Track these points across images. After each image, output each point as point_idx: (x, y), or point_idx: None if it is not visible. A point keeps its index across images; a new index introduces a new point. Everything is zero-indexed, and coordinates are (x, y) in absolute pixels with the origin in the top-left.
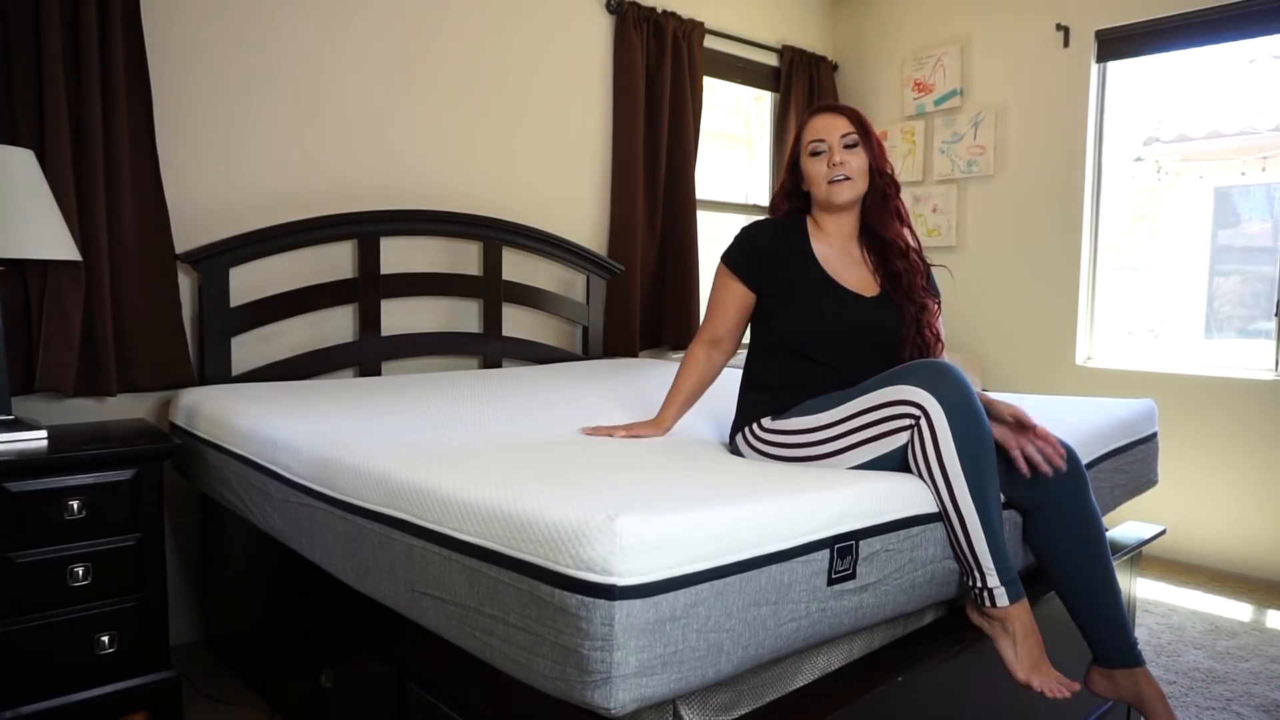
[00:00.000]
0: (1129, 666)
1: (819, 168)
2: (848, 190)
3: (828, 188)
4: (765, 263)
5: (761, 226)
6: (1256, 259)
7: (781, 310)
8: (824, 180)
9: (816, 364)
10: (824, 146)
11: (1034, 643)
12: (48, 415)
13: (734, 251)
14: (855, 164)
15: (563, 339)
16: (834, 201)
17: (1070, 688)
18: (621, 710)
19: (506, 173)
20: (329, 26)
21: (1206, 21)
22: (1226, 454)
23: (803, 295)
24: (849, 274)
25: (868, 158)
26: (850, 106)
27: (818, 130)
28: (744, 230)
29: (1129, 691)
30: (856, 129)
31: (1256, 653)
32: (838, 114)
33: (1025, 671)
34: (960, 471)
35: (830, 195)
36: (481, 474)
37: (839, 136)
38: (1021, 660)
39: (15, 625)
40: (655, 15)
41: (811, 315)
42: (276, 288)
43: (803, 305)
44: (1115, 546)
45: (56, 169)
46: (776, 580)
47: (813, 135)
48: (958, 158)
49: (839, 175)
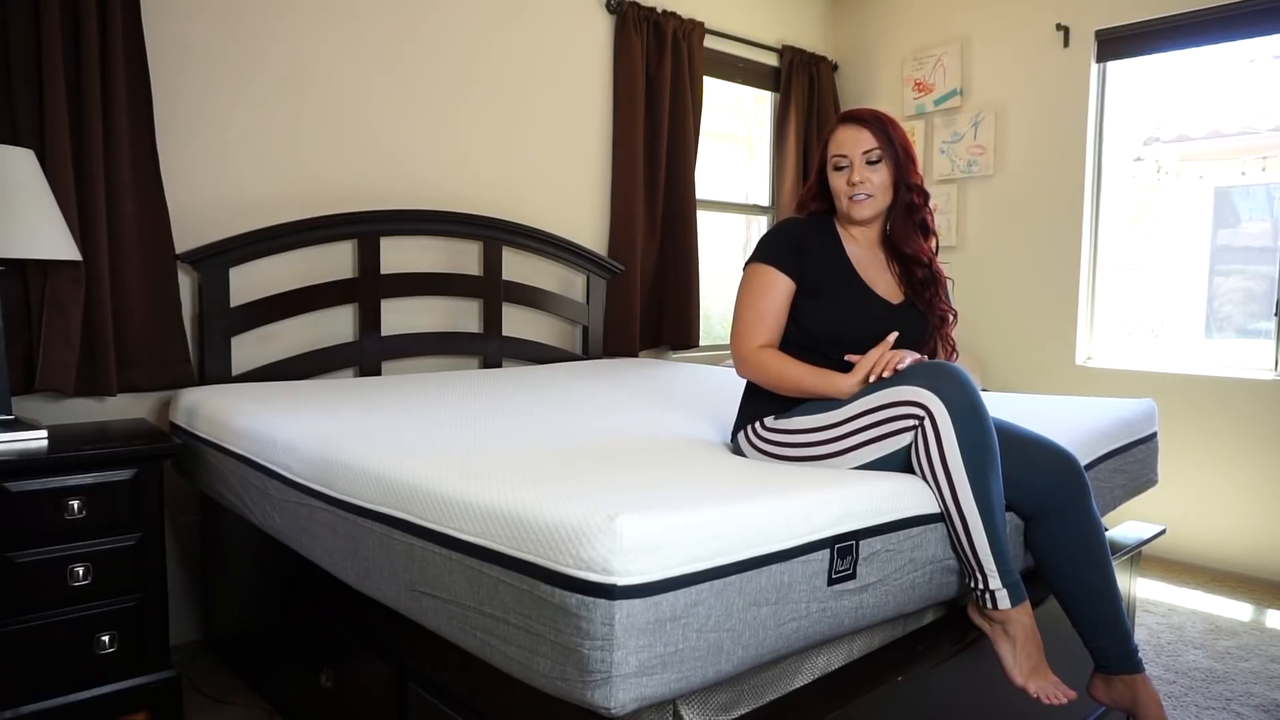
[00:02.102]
0: (1128, 673)
1: (839, 183)
2: (868, 208)
3: (849, 204)
4: (806, 253)
5: (796, 222)
6: (1256, 259)
7: (814, 307)
8: (845, 196)
9: (831, 363)
10: (846, 162)
11: (1034, 647)
12: (48, 415)
13: (771, 247)
14: (877, 180)
15: (563, 339)
16: (854, 218)
17: (1067, 694)
18: (621, 710)
19: (507, 173)
20: (330, 27)
21: (1206, 21)
22: (1226, 454)
23: (838, 296)
24: (879, 279)
25: (891, 172)
26: (878, 114)
27: (841, 144)
28: (777, 226)
29: (1125, 698)
30: (880, 142)
31: (1256, 653)
32: (862, 126)
33: (1024, 675)
34: (964, 472)
35: (851, 211)
36: (482, 474)
37: (861, 153)
38: (1020, 664)
39: (15, 625)
40: (655, 15)
41: (846, 318)
42: (276, 288)
43: (838, 306)
44: (1115, 546)
45: (56, 169)
46: (777, 580)
47: (836, 149)
48: (958, 158)
49: (859, 195)
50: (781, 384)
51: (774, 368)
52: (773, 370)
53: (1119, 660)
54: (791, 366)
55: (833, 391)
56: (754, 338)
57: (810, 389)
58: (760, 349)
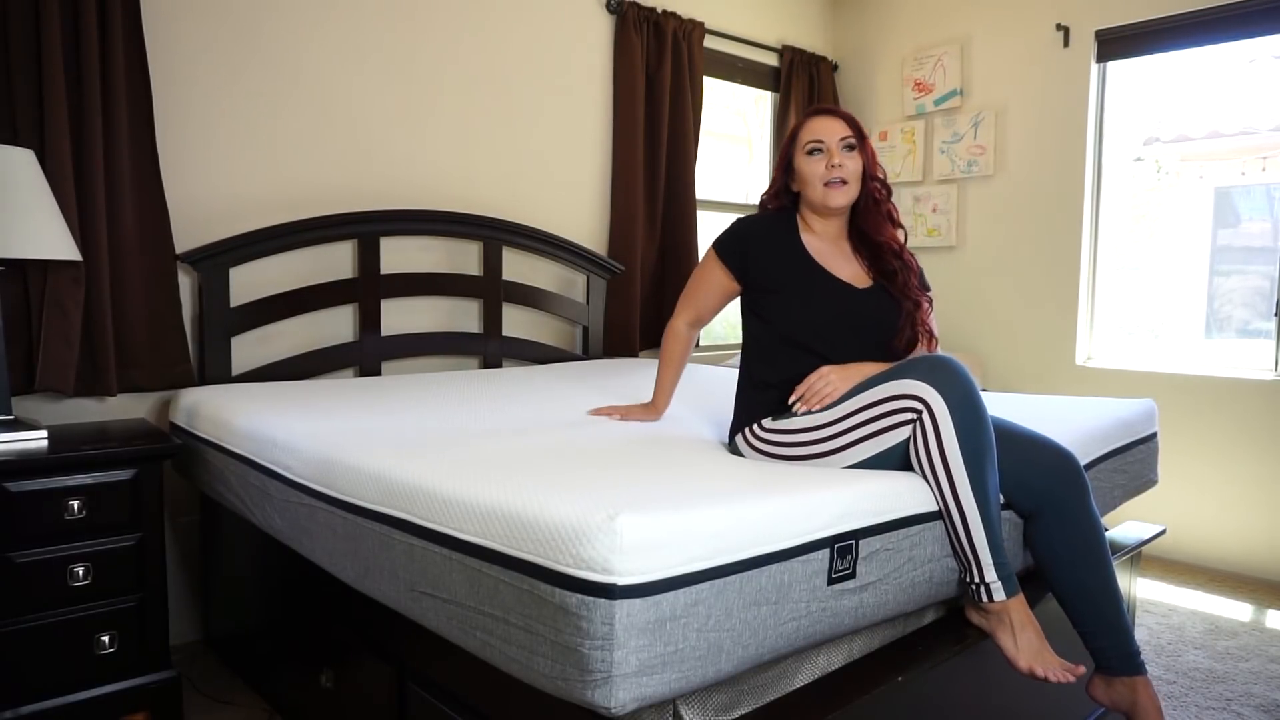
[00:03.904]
0: (1129, 675)
1: (816, 167)
2: (843, 195)
3: (824, 190)
4: (752, 255)
5: (753, 220)
6: (1256, 259)
7: (773, 301)
8: (820, 181)
9: (814, 356)
10: (822, 147)
11: (1032, 631)
12: (48, 415)
13: (725, 242)
14: (851, 167)
15: (563, 339)
16: (828, 205)
17: (1074, 671)
18: (622, 709)
19: (506, 173)
20: (330, 27)
21: (1206, 21)
22: (1226, 454)
23: (793, 285)
24: (841, 266)
25: (862, 162)
26: (847, 112)
27: (816, 131)
28: (737, 221)
29: (1124, 700)
30: (854, 133)
31: (1256, 653)
32: (836, 117)
33: (1027, 660)
34: (962, 465)
35: (825, 198)
36: (481, 473)
37: (838, 139)
38: (1023, 650)
39: (15, 625)
40: (655, 15)
41: (802, 302)
42: (276, 288)
43: (793, 294)
44: (1115, 546)
45: (56, 169)
46: (776, 580)
47: (811, 135)
48: (958, 158)
49: (836, 178)
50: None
51: (662, 350)
52: (661, 352)
53: (1120, 662)
54: (663, 365)
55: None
56: (683, 309)
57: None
58: (679, 321)
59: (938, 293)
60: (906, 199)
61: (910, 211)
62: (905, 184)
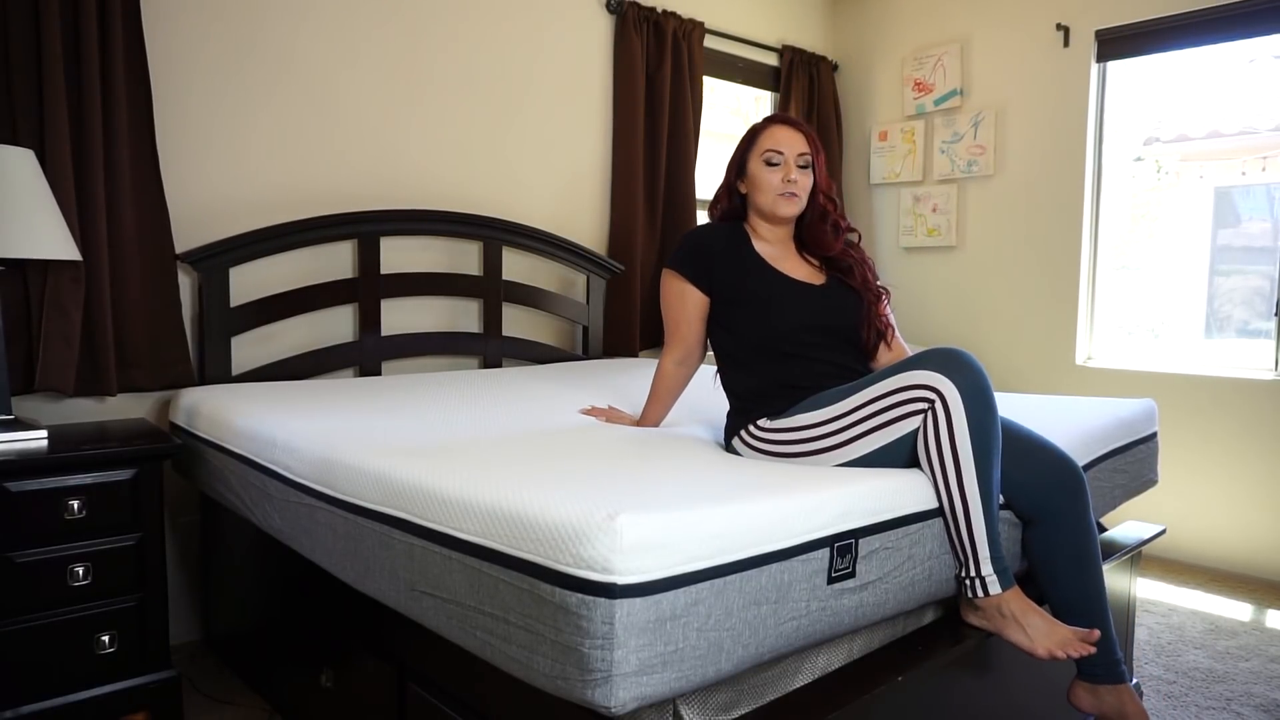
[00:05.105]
0: (1114, 683)
1: (771, 177)
2: (793, 206)
3: (775, 199)
4: (716, 266)
5: (705, 232)
6: (1256, 259)
7: (739, 313)
8: (774, 192)
9: (790, 358)
10: (780, 159)
11: (1036, 615)
12: (48, 415)
13: (683, 257)
14: (804, 184)
15: (563, 339)
16: (778, 214)
17: (1090, 637)
18: (622, 709)
19: (507, 172)
20: (329, 26)
21: (1206, 21)
22: (1226, 454)
23: (755, 294)
24: (795, 268)
25: (814, 179)
26: (808, 127)
27: (778, 140)
28: (689, 235)
29: (1113, 707)
30: (812, 150)
31: (1256, 653)
32: (798, 131)
33: (1045, 646)
34: (971, 458)
35: (776, 208)
36: (482, 473)
37: (796, 154)
38: (1036, 638)
39: (15, 625)
40: (655, 15)
41: (773, 310)
42: (276, 288)
43: (761, 304)
44: (1115, 546)
45: (56, 169)
46: (776, 579)
47: (772, 144)
48: (958, 158)
49: (788, 191)
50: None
51: (652, 386)
52: (651, 387)
53: (1106, 670)
54: (651, 399)
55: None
56: (670, 348)
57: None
58: (667, 361)
59: (938, 293)
60: (906, 199)
61: (910, 211)
62: (905, 184)
